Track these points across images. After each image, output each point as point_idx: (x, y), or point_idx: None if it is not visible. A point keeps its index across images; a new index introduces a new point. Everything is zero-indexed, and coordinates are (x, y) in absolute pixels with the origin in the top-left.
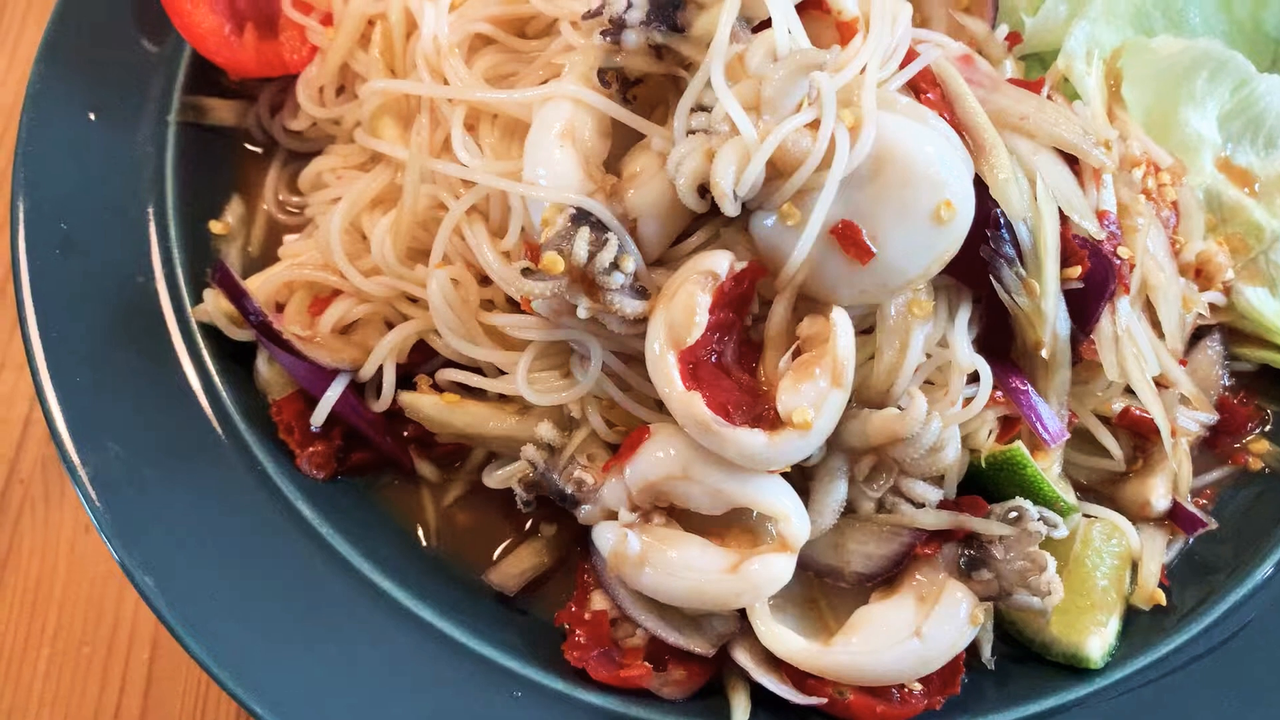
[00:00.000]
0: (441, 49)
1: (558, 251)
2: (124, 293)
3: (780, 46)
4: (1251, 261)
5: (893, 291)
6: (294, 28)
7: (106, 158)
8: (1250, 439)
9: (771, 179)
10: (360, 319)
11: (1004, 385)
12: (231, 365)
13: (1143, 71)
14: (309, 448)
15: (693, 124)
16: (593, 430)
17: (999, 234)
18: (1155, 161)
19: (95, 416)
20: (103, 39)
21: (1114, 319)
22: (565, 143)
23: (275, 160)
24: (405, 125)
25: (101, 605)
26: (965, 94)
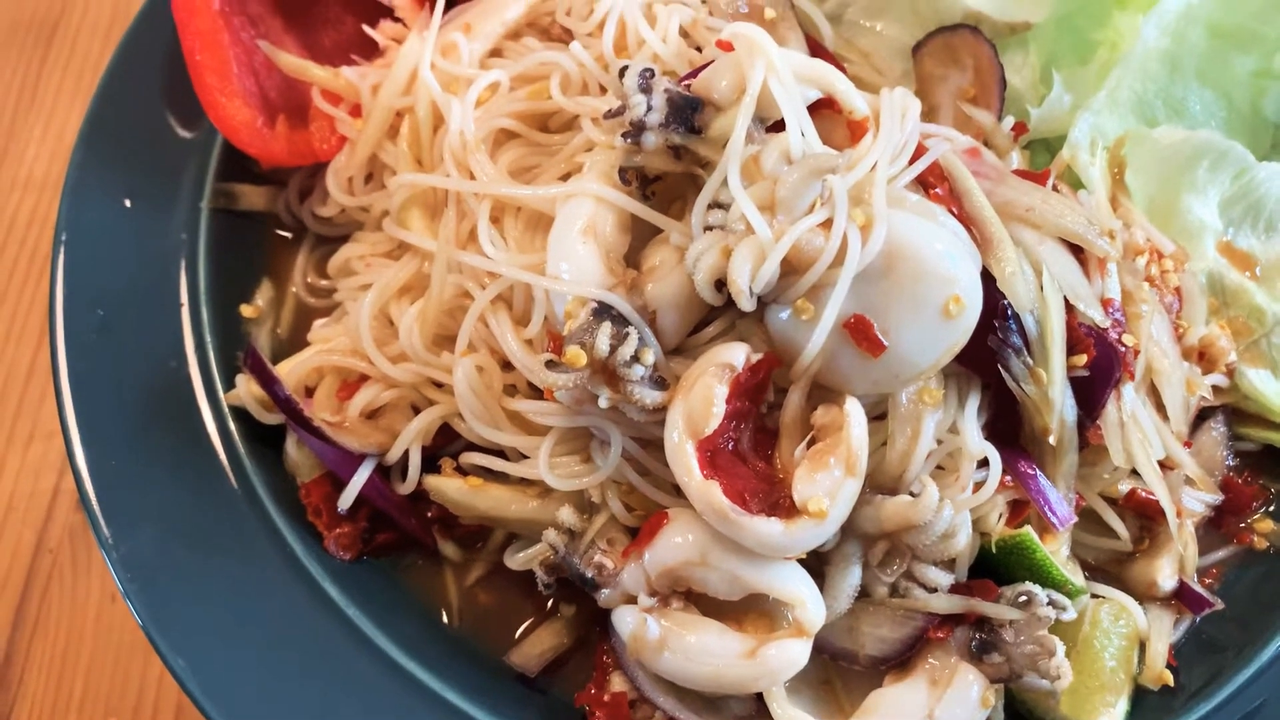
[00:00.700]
0: (468, 144)
1: (580, 345)
2: (158, 376)
3: (794, 149)
4: (1254, 344)
5: (904, 382)
6: (323, 118)
7: (141, 243)
8: (1255, 518)
9: (786, 275)
10: (387, 404)
11: (1013, 470)
12: (262, 448)
13: (1146, 160)
14: (336, 529)
15: (710, 220)
16: (612, 515)
17: (1006, 324)
18: (1158, 248)
19: (129, 499)
20: (139, 126)
21: (1119, 405)
22: (587, 238)
23: (304, 244)
24: (432, 216)
25: (127, 673)
26: (972, 189)
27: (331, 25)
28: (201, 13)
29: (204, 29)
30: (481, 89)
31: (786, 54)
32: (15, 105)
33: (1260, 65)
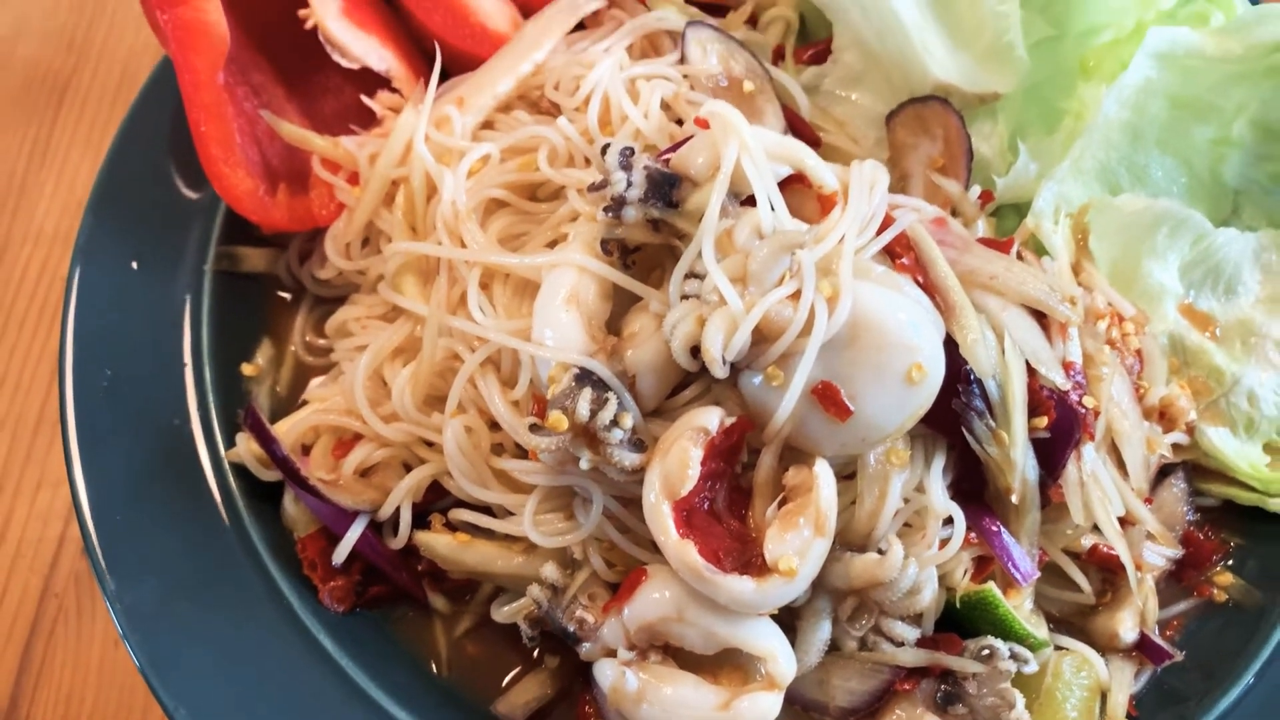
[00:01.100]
0: (460, 213)
1: (562, 410)
2: (162, 433)
3: (764, 224)
4: (1213, 403)
5: (871, 445)
6: (323, 185)
7: (148, 305)
8: (1215, 572)
9: (757, 344)
10: (380, 461)
11: (978, 527)
12: (260, 503)
13: (1108, 226)
14: (330, 582)
15: (686, 289)
16: (594, 570)
17: (969, 388)
18: (1119, 312)
19: (133, 552)
20: (146, 191)
21: (1079, 465)
22: (570, 306)
23: (303, 305)
24: (425, 281)
25: (129, 718)
26: (937, 258)
27: (332, 94)
28: (207, 87)
29: (209, 102)
30: (473, 161)
31: (759, 132)
32: (28, 161)
33: (1219, 134)
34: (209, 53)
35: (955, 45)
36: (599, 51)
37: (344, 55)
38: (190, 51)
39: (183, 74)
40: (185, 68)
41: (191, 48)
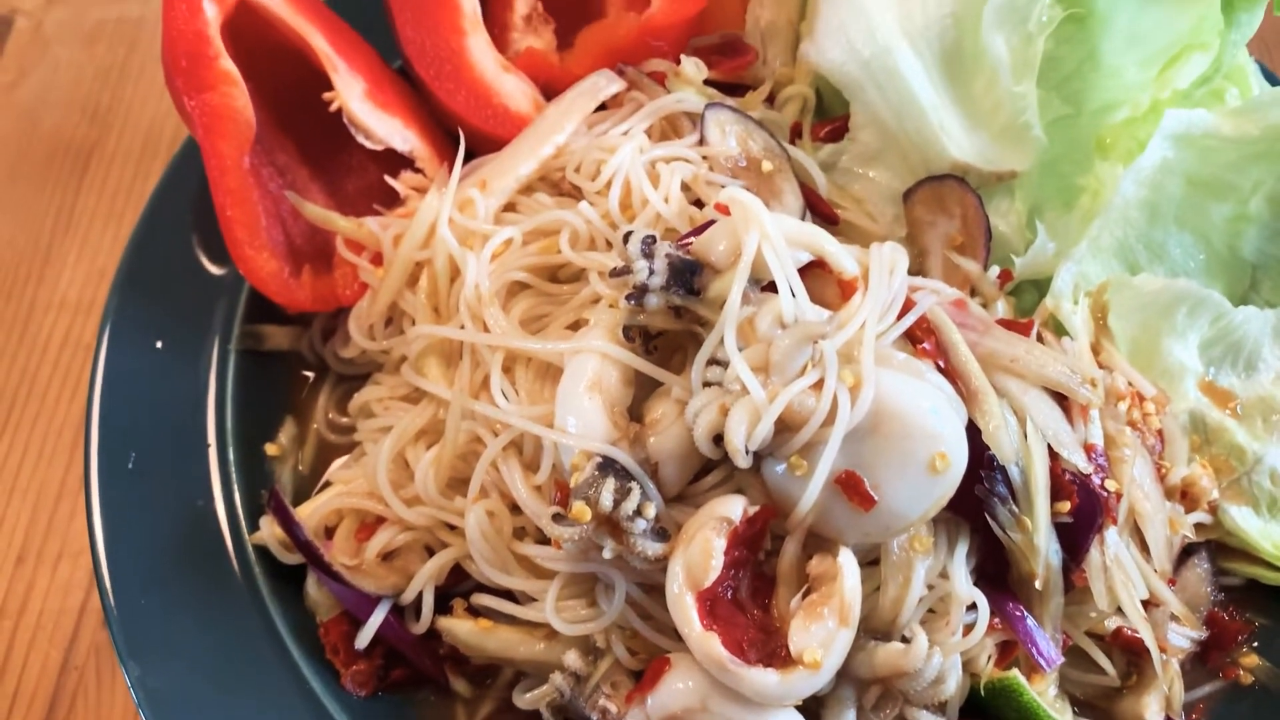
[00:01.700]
0: (483, 297)
1: (585, 500)
2: (186, 515)
3: (786, 313)
4: (1235, 482)
5: (895, 533)
6: (347, 265)
7: (172, 385)
8: (1241, 653)
9: (780, 433)
10: (403, 545)
11: (1002, 612)
12: (284, 585)
13: (1127, 305)
14: (353, 666)
15: (708, 376)
16: (616, 659)
17: (992, 474)
18: (1140, 392)
19: (155, 634)
20: (171, 271)
21: (1102, 549)
22: (593, 393)
23: (326, 383)
24: (449, 363)
25: None
26: (957, 343)
27: (355, 173)
28: (233, 171)
29: (235, 187)
30: (497, 245)
31: (779, 219)
32: (52, 230)
33: (1236, 211)
34: (235, 138)
35: (972, 124)
36: (619, 134)
37: (368, 137)
38: (217, 137)
39: (209, 159)
40: (212, 153)
41: (218, 133)
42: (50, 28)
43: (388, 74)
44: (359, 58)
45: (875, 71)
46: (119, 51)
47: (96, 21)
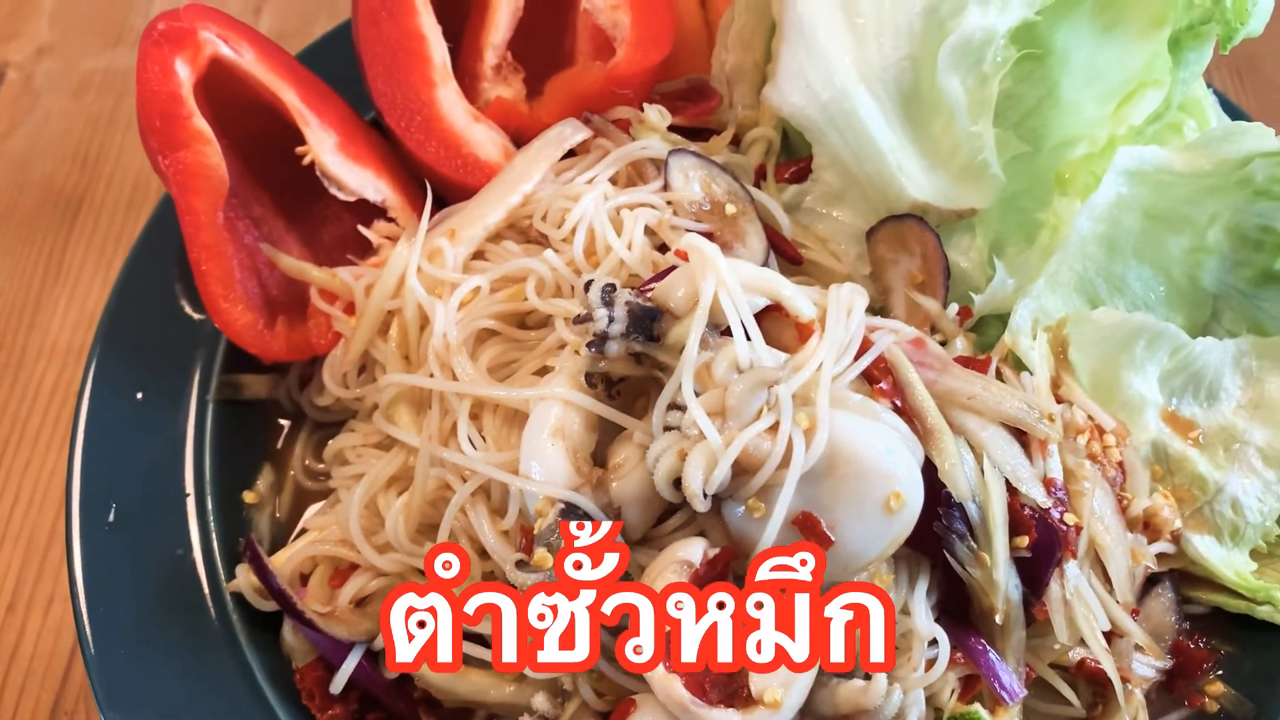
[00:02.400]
0: (451, 346)
1: (547, 547)
2: (165, 565)
3: (741, 358)
4: (1198, 511)
5: (853, 572)
6: (320, 315)
7: (151, 437)
8: (1206, 681)
9: (737, 476)
10: (376, 590)
11: (964, 646)
12: (261, 631)
13: (1086, 339)
14: (328, 711)
15: (668, 420)
16: (584, 701)
17: (950, 511)
18: (1100, 425)
19: (134, 685)
20: (152, 323)
21: (1063, 582)
22: (556, 440)
23: (303, 430)
24: (419, 411)
25: None
26: (914, 382)
27: (330, 222)
28: (207, 227)
29: (209, 242)
30: (464, 293)
31: (736, 265)
32: (43, 277)
33: (1194, 243)
34: (209, 194)
35: (931, 165)
36: (584, 182)
37: (341, 189)
38: (191, 194)
39: (184, 215)
40: (186, 210)
41: (192, 190)
42: (40, 79)
43: (360, 126)
44: (331, 111)
45: (834, 114)
46: (108, 101)
47: (85, 72)
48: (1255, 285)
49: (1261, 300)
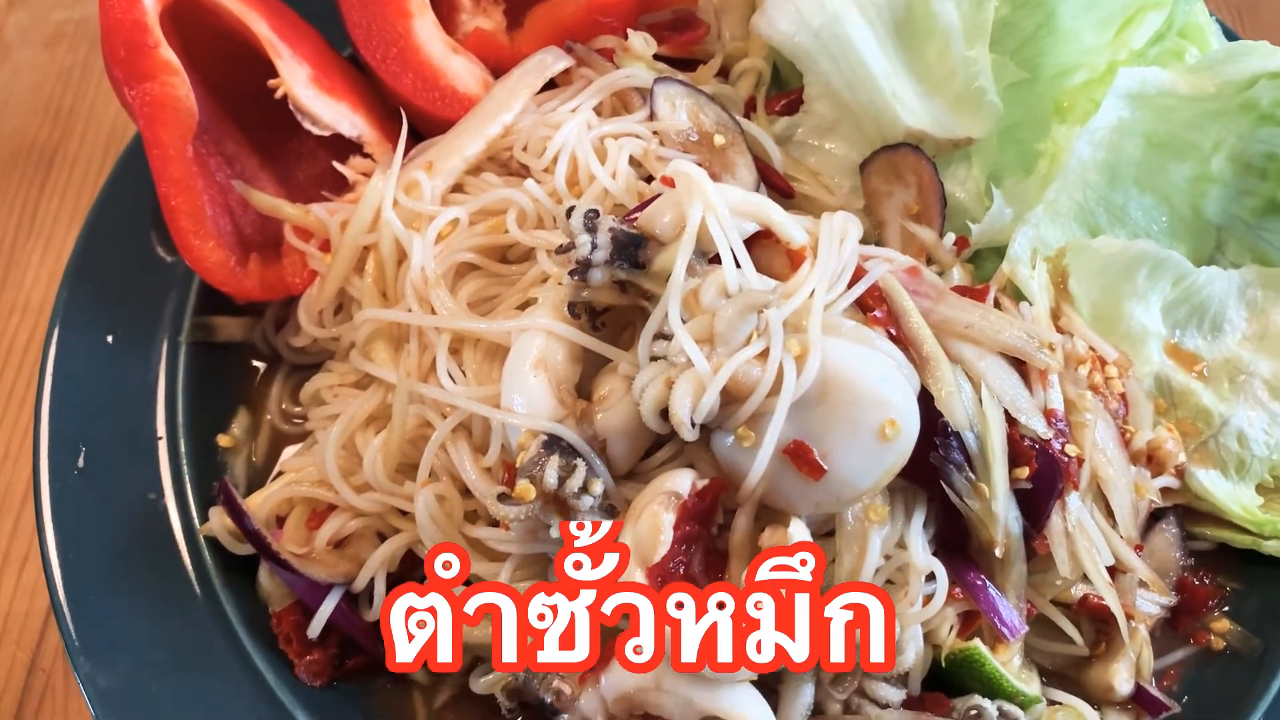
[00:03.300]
0: (429, 279)
1: (530, 479)
2: (137, 509)
3: (730, 283)
4: (1203, 445)
5: (847, 503)
6: (295, 253)
7: (123, 380)
8: (1211, 618)
9: (726, 405)
10: (354, 532)
11: (962, 581)
12: (237, 576)
13: (1087, 269)
14: (307, 656)
15: (655, 351)
16: None
17: (947, 441)
18: (1102, 356)
19: (107, 631)
20: (123, 263)
21: (1064, 515)
22: (539, 371)
23: (279, 373)
24: (397, 348)
25: None
26: (909, 309)
27: (306, 160)
28: (176, 161)
29: (178, 176)
30: (442, 225)
31: (724, 189)
32: (15, 231)
33: (1197, 171)
34: (177, 127)
35: (926, 92)
36: (566, 111)
37: (315, 123)
38: (158, 126)
39: (151, 149)
40: (154, 143)
41: (159, 123)
42: (11, 31)
43: (334, 59)
44: (304, 43)
45: (826, 41)
46: (80, 51)
47: (57, 23)
48: (1260, 215)
49: (1266, 231)
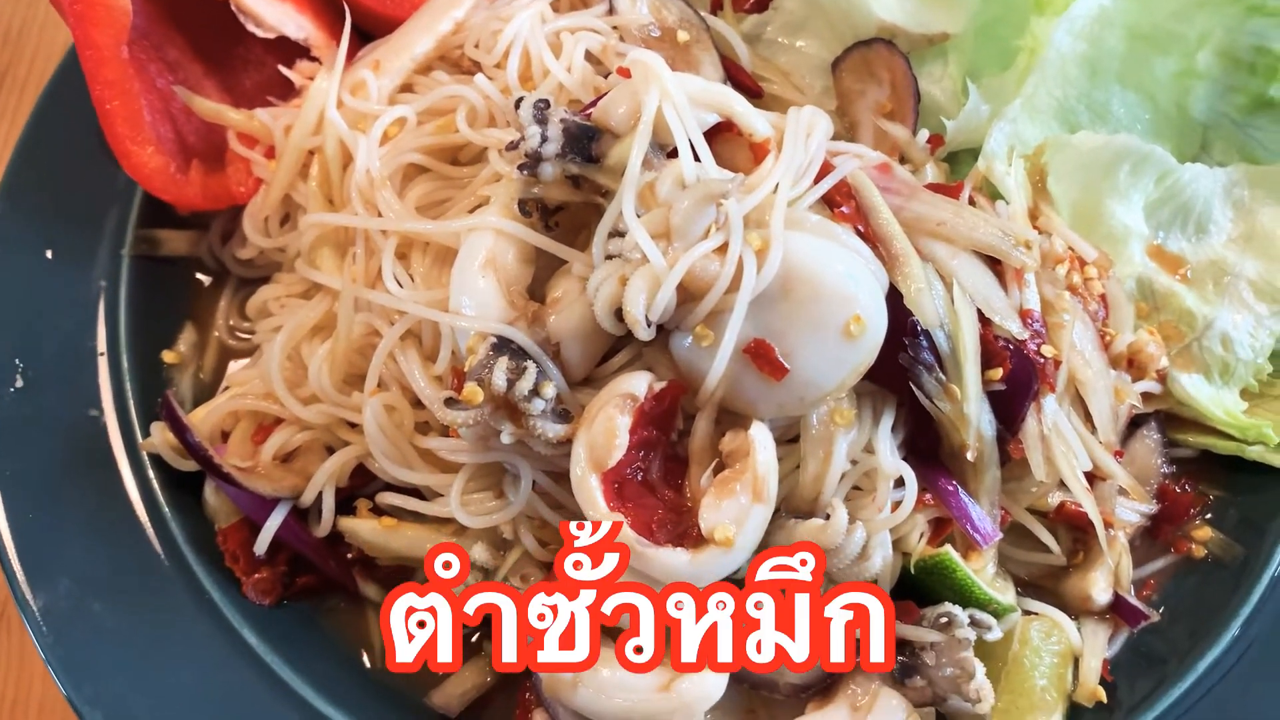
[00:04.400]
0: (374, 181)
1: (478, 382)
2: (77, 426)
3: (687, 175)
4: (1186, 349)
5: (811, 404)
6: (240, 161)
7: (62, 294)
8: (1193, 526)
9: (683, 303)
10: (301, 445)
11: (933, 487)
12: (182, 495)
13: (1066, 167)
14: (255, 574)
15: (610, 249)
16: (526, 550)
17: (916, 341)
18: (1081, 256)
19: (47, 552)
20: (61, 177)
21: (1040, 417)
22: (487, 272)
23: (227, 288)
24: (343, 254)
25: None
26: (879, 206)
27: (253, 67)
28: (110, 63)
29: (113, 78)
30: (387, 124)
31: (683, 79)
32: None
33: (1182, 65)
34: (111, 27)
35: None
36: (521, 5)
37: (258, 24)
38: (90, 26)
39: (84, 50)
40: (86, 44)
41: (91, 22)
42: None
43: None
44: None
45: None
46: None
47: None
48: (1247, 113)
49: (1254, 129)
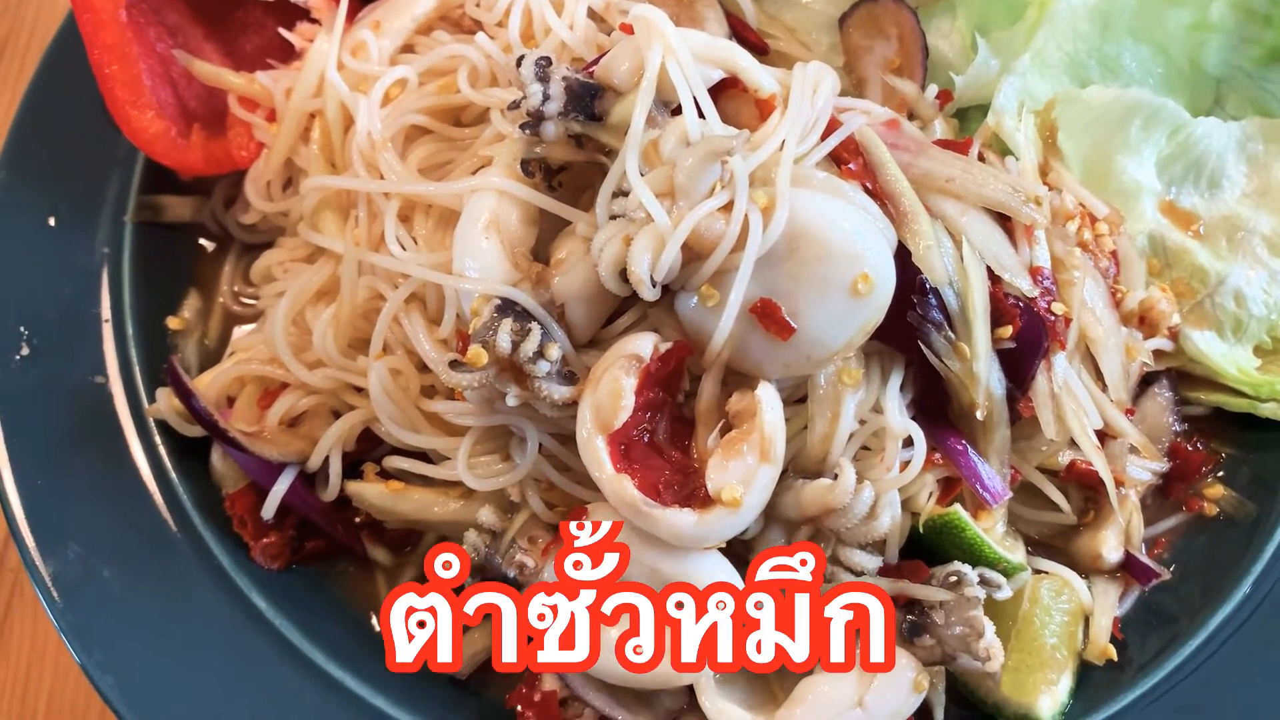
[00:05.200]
0: (376, 143)
1: (483, 344)
2: (82, 394)
3: (691, 132)
4: (1198, 305)
5: (818, 364)
6: (241, 125)
7: (65, 262)
8: (1204, 484)
9: (689, 262)
10: (307, 410)
11: (942, 446)
12: (189, 460)
13: (1077, 122)
14: (262, 539)
15: (614, 209)
16: (533, 512)
17: (925, 299)
18: (1091, 212)
19: (55, 519)
20: (62, 144)
21: (1050, 375)
22: (491, 233)
23: (230, 253)
24: (346, 218)
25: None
26: (886, 162)
27: (253, 30)
28: (108, 26)
29: (111, 42)
30: (388, 85)
31: (686, 34)
32: None
33: (1196, 18)
34: None
35: None
36: None
37: None
38: None
39: (81, 14)
40: (84, 8)
41: None
42: None
43: None
44: None
45: None
46: None
47: None
48: (1263, 65)
49: (1269, 82)
